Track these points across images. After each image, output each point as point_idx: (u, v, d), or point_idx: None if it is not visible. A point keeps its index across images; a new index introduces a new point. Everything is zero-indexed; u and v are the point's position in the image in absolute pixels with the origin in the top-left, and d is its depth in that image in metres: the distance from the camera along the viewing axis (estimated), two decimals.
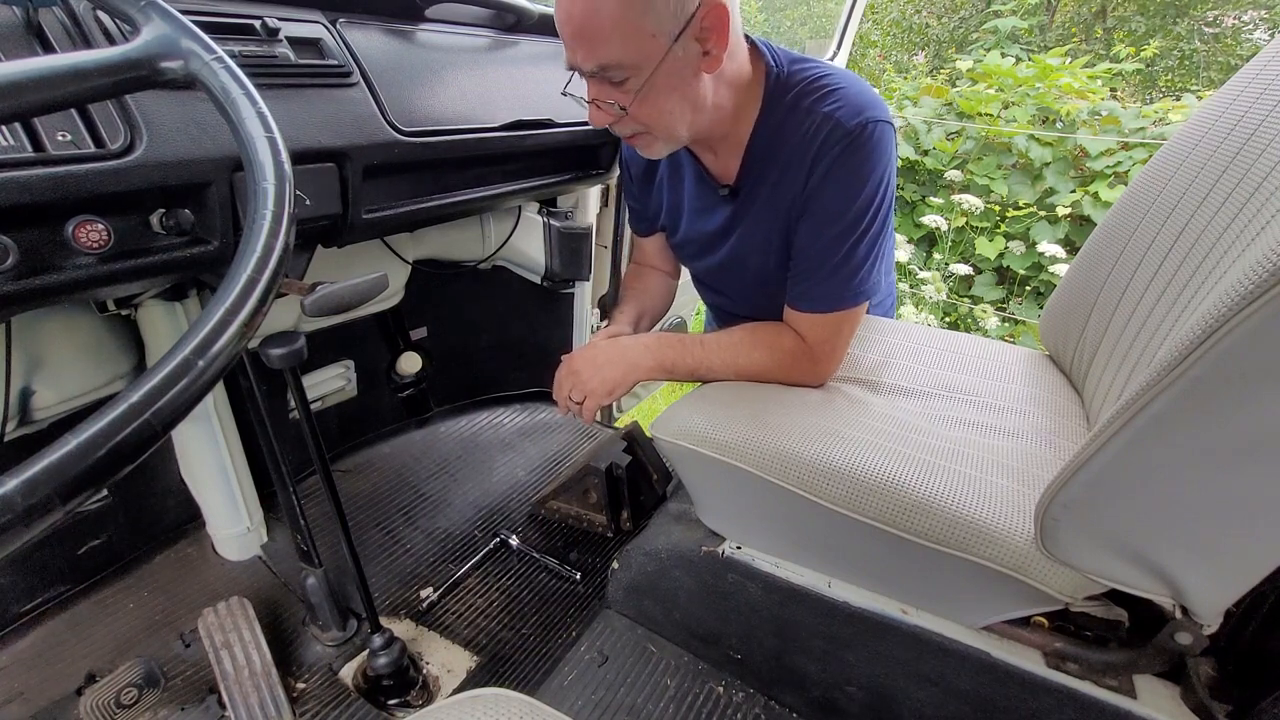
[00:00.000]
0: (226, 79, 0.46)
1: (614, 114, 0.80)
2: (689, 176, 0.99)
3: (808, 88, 0.84)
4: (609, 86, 0.78)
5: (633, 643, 1.01)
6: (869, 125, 0.80)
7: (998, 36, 4.94)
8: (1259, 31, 6.89)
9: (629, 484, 1.23)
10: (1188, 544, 0.58)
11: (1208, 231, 0.69)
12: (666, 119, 0.81)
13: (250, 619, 0.96)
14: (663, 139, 0.84)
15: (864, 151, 0.80)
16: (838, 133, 0.80)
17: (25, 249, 0.54)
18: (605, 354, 0.93)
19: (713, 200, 0.96)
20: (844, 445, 0.77)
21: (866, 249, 0.85)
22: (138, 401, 0.30)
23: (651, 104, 0.79)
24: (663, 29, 0.73)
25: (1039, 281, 3.03)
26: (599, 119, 0.82)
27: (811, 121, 0.82)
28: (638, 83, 0.76)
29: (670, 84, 0.78)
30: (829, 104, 0.81)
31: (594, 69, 0.76)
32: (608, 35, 0.73)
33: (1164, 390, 0.50)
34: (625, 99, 0.78)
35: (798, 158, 0.83)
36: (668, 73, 0.76)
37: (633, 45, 0.73)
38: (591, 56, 0.75)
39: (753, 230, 0.93)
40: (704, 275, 1.12)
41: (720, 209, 0.96)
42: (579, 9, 0.72)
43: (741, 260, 0.97)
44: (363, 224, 0.85)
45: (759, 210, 0.91)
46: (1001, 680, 0.74)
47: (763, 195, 0.89)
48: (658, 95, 0.78)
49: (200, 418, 1.02)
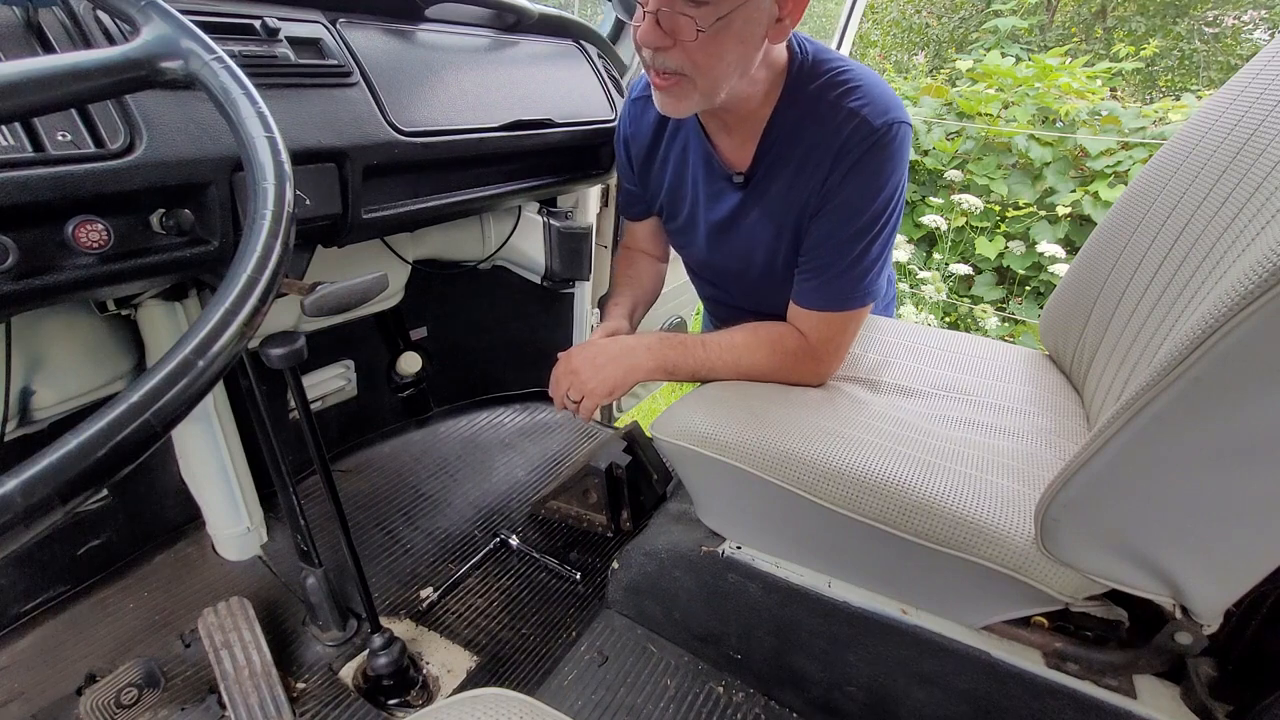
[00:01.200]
0: (226, 79, 0.46)
1: (678, 33, 0.74)
2: (696, 160, 0.95)
3: (832, 80, 0.82)
4: (685, 1, 0.72)
5: (633, 643, 1.01)
6: (894, 126, 0.79)
7: (998, 36, 4.95)
8: (1259, 31, 6.89)
9: (629, 484, 1.23)
10: (1188, 544, 0.58)
11: (1208, 231, 0.69)
12: (720, 69, 0.77)
13: (250, 619, 0.96)
14: (701, 91, 0.79)
15: (887, 152, 0.79)
16: (863, 130, 0.79)
17: (25, 249, 0.54)
18: (606, 354, 0.91)
19: (721, 187, 0.93)
20: (844, 445, 0.77)
21: (879, 250, 0.85)
22: (138, 401, 0.30)
23: (715, 45, 0.74)
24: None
25: (1039, 281, 3.03)
26: (653, 36, 0.74)
27: (836, 116, 0.80)
28: (715, 12, 0.72)
29: (739, 33, 0.74)
30: (854, 100, 0.80)
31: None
32: None
33: (1164, 390, 0.50)
34: (699, 20, 0.72)
35: (819, 152, 0.82)
36: (744, 19, 0.73)
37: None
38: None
39: (763, 223, 0.91)
40: (703, 267, 1.09)
41: (728, 197, 0.93)
42: None
43: (747, 254, 0.95)
44: (363, 224, 0.85)
45: (771, 203, 0.89)
46: (1001, 680, 0.74)
47: (777, 187, 0.87)
48: (725, 38, 0.74)
49: (200, 418, 1.02)
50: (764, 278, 0.95)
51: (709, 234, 0.99)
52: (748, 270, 0.97)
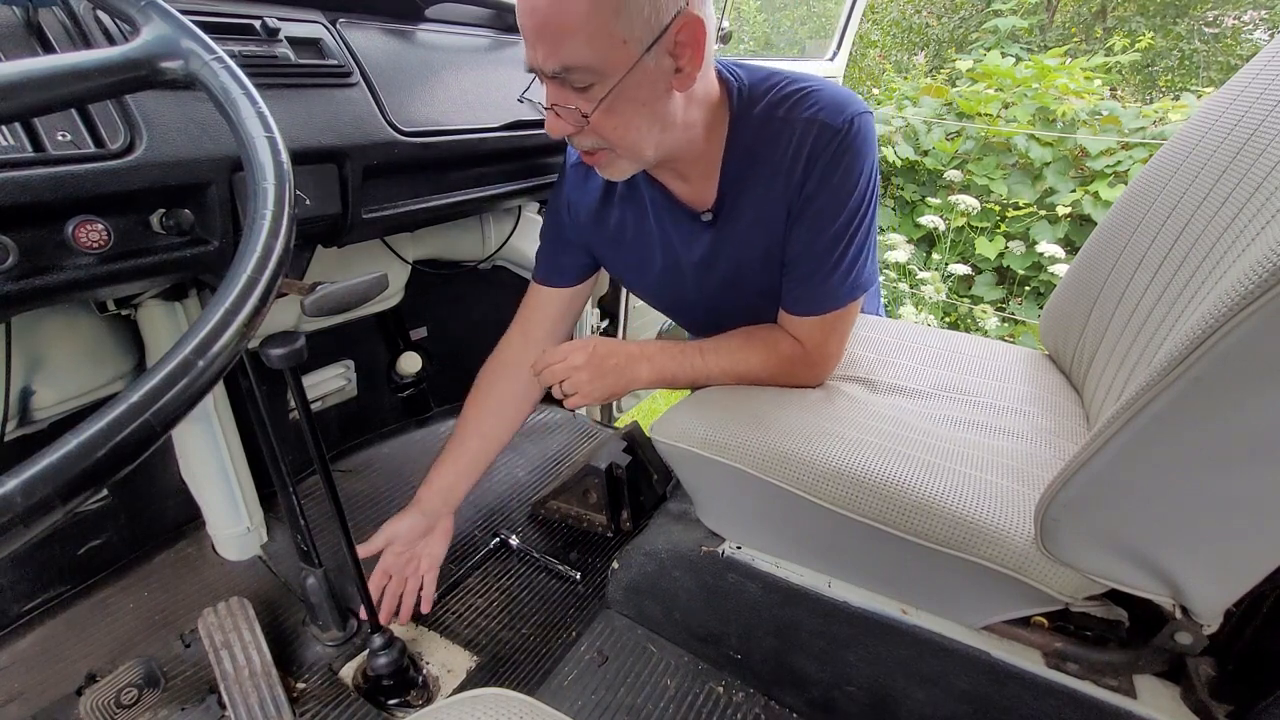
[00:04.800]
0: (226, 79, 0.46)
1: (575, 122, 0.74)
2: (658, 211, 0.93)
3: (777, 97, 0.82)
4: (571, 92, 0.73)
5: (633, 643, 1.01)
6: (854, 120, 0.79)
7: (998, 36, 4.94)
8: (1259, 31, 6.89)
9: (629, 484, 1.23)
10: (1188, 544, 0.58)
11: (1208, 232, 0.69)
12: (632, 135, 0.76)
13: (250, 619, 0.96)
14: (627, 157, 0.79)
15: (855, 148, 0.79)
16: (826, 134, 0.79)
17: (25, 249, 0.54)
18: (609, 362, 0.90)
19: (689, 231, 0.92)
20: (843, 446, 0.77)
21: (860, 243, 0.84)
22: (138, 401, 0.30)
23: (617, 116, 0.74)
24: (634, 36, 0.69)
25: (1039, 281, 3.03)
26: (558, 127, 0.76)
27: (792, 130, 0.80)
28: (602, 90, 0.71)
29: (639, 96, 0.73)
30: (807, 109, 0.80)
31: (556, 69, 0.71)
32: (574, 33, 0.68)
33: (1164, 390, 0.50)
34: (588, 105, 0.73)
35: (783, 168, 0.81)
36: (636, 84, 0.72)
37: (601, 48, 0.69)
38: (554, 56, 0.70)
39: (743, 250, 0.89)
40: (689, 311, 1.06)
41: (700, 238, 0.91)
42: (544, 2, 0.67)
43: (738, 283, 0.93)
44: (363, 224, 0.84)
45: (746, 231, 0.87)
46: (1001, 680, 0.74)
47: (747, 214, 0.86)
48: (624, 107, 0.73)
49: (200, 418, 1.02)
50: (760, 297, 0.93)
51: (690, 280, 0.97)
52: (743, 298, 0.95)
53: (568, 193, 1.00)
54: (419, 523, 1.02)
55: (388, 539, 1.01)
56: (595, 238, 1.01)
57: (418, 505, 1.03)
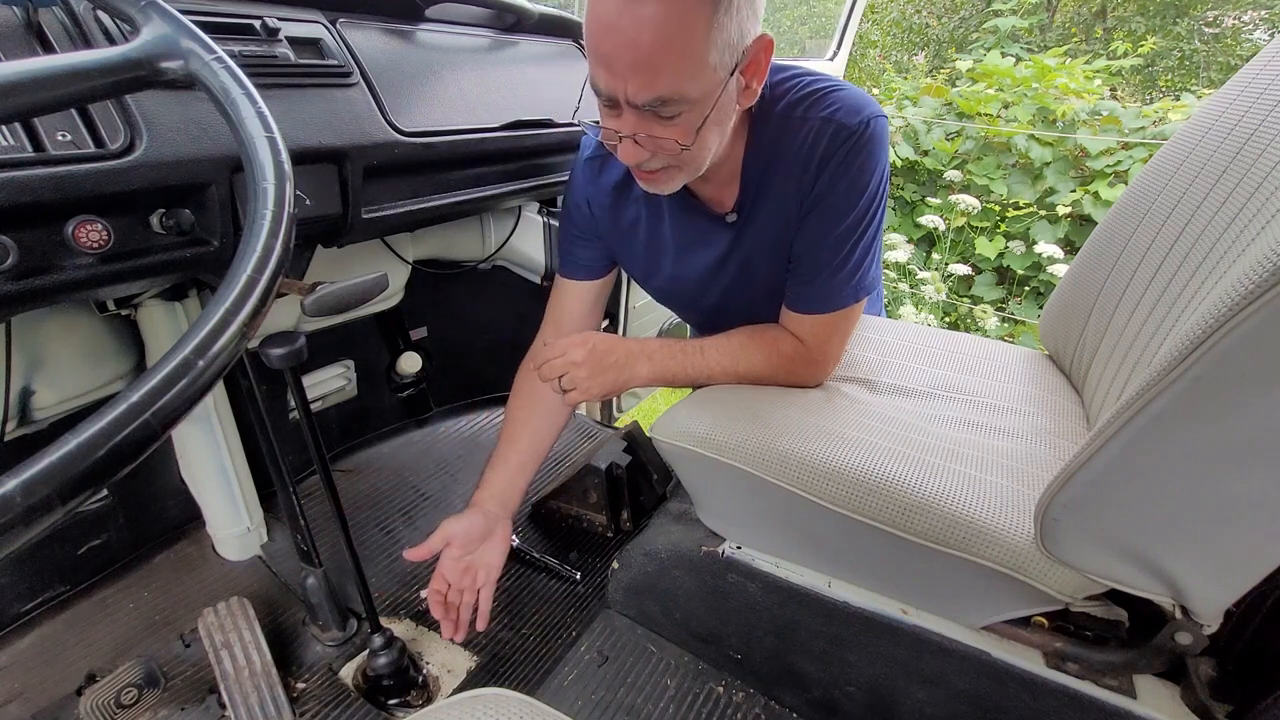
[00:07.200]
0: (226, 79, 0.46)
1: (658, 148, 0.73)
2: (672, 213, 0.93)
3: (796, 96, 0.82)
4: (656, 121, 0.71)
5: (633, 643, 1.01)
6: (870, 122, 0.79)
7: (998, 36, 4.94)
8: (1259, 31, 6.89)
9: (629, 484, 1.23)
10: (1188, 544, 0.58)
11: (1208, 231, 0.69)
12: (704, 155, 0.77)
13: (250, 619, 0.96)
14: (687, 172, 0.80)
15: (868, 149, 0.80)
16: (841, 134, 0.79)
17: (25, 249, 0.54)
18: (609, 359, 0.90)
19: (709, 231, 0.92)
20: (844, 446, 0.77)
21: (867, 244, 0.84)
22: (137, 401, 0.30)
23: (700, 141, 0.74)
24: (722, 62, 0.69)
25: (1039, 281, 3.03)
26: (634, 155, 0.74)
27: (809, 129, 0.80)
28: (695, 118, 0.71)
29: (718, 119, 0.74)
30: (825, 108, 0.80)
31: (649, 101, 0.69)
32: (674, 66, 0.66)
33: (1164, 390, 0.50)
34: (681, 135, 0.72)
35: (799, 166, 0.82)
36: (720, 108, 0.72)
37: (700, 80, 0.68)
38: (649, 88, 0.68)
39: (759, 247, 0.90)
40: (697, 308, 1.06)
41: (719, 236, 0.92)
42: (649, 37, 0.65)
43: (750, 282, 0.94)
44: (363, 224, 0.84)
45: (761, 229, 0.88)
46: (1001, 680, 0.74)
47: (765, 212, 0.87)
48: (707, 133, 0.73)
49: (200, 418, 1.02)
50: (772, 295, 0.94)
51: (705, 277, 0.97)
52: (755, 295, 0.95)
53: (583, 187, 1.00)
54: (478, 524, 0.97)
55: (445, 538, 0.96)
56: (610, 232, 1.01)
57: (477, 507, 1.00)
